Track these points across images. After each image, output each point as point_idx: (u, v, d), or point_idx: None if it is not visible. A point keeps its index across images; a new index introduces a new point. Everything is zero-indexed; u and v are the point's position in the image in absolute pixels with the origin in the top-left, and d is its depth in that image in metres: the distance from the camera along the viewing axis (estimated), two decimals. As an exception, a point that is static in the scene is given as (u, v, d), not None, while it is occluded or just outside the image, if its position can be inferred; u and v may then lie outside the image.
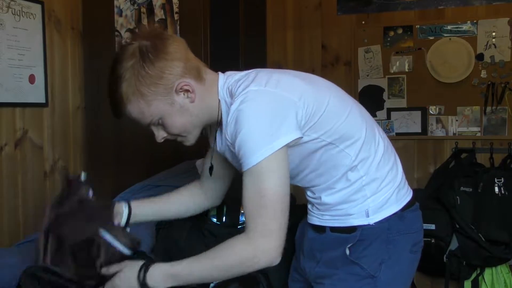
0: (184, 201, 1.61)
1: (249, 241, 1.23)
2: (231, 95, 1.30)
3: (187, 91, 1.29)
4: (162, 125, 1.33)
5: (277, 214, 1.22)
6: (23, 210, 2.27)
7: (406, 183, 1.50)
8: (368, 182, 1.37)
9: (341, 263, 1.38)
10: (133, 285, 1.27)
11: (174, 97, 1.28)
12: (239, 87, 1.28)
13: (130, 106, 1.30)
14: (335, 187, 1.38)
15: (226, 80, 1.35)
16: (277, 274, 1.69)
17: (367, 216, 1.37)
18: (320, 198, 1.41)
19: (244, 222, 1.86)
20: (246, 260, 1.24)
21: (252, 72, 1.35)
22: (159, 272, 1.27)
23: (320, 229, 1.43)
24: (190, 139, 1.38)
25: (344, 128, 1.34)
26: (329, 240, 1.40)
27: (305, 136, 1.29)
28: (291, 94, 1.27)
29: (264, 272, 1.67)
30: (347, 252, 1.37)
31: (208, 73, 1.36)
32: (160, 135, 1.37)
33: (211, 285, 1.56)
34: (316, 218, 1.44)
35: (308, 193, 1.46)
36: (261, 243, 1.21)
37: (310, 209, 1.47)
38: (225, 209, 1.87)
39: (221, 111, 1.33)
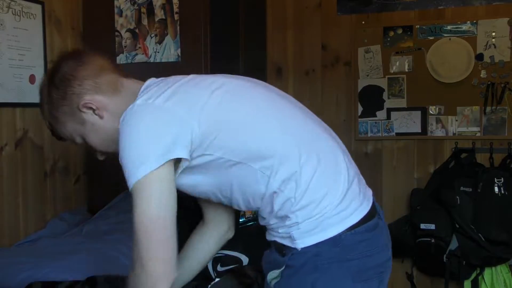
0: (200, 253, 1.46)
1: (133, 277, 1.12)
2: None
3: (91, 108, 1.24)
4: (89, 145, 1.31)
5: (154, 244, 1.08)
6: (23, 210, 2.28)
7: (358, 197, 1.22)
8: (299, 208, 1.16)
9: None
10: None
11: (82, 115, 1.25)
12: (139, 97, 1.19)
13: (55, 131, 1.31)
14: (267, 209, 1.20)
15: (147, 86, 1.26)
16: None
17: (293, 240, 1.17)
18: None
19: (243, 223, 1.87)
20: None
21: (164, 80, 1.26)
22: None
23: (268, 244, 1.28)
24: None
25: (255, 146, 1.16)
26: (272, 260, 1.25)
27: (204, 155, 1.15)
28: (184, 109, 1.14)
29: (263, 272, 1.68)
30: (272, 284, 1.23)
31: (128, 84, 1.30)
32: (97, 154, 1.35)
33: (210, 285, 1.56)
34: (267, 233, 1.28)
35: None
36: (136, 270, 1.10)
37: (265, 225, 1.29)
38: None
39: None
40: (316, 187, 1.16)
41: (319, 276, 1.15)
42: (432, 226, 2.69)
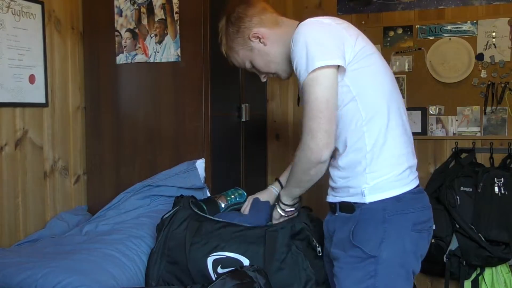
0: None
1: (301, 143, 1.49)
2: None
3: (258, 37, 1.64)
4: (255, 68, 1.71)
5: (319, 119, 1.43)
6: (23, 210, 2.28)
7: (414, 174, 1.57)
8: (370, 158, 1.49)
9: (347, 247, 1.50)
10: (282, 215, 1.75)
11: (250, 43, 1.65)
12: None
13: (231, 59, 1.73)
14: (345, 146, 1.52)
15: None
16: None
17: (363, 195, 1.50)
18: (334, 162, 1.57)
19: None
20: (301, 158, 1.50)
21: (331, 17, 1.59)
22: (282, 193, 1.74)
23: (333, 208, 1.59)
24: (282, 75, 1.70)
25: (372, 92, 1.51)
26: (339, 220, 1.56)
27: (344, 75, 1.48)
28: (351, 36, 1.50)
29: (263, 272, 1.68)
30: (351, 236, 1.49)
31: (285, 21, 1.70)
32: (261, 77, 1.75)
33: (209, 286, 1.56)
34: (330, 196, 1.61)
35: (331, 161, 1.60)
36: (307, 140, 1.46)
37: (329, 188, 1.63)
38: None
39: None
40: (390, 149, 1.50)
41: (388, 226, 1.47)
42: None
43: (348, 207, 1.53)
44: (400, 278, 1.51)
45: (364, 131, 1.49)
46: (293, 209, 1.75)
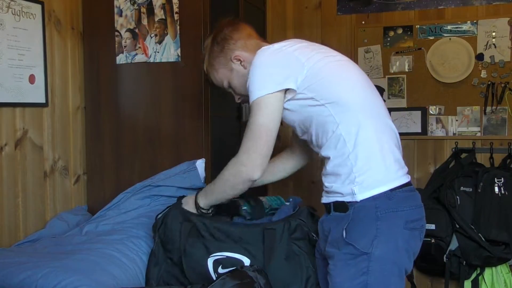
0: (279, 168, 2.00)
1: (236, 158, 1.62)
2: None
3: (239, 60, 1.73)
4: (231, 88, 1.80)
5: (257, 141, 1.56)
6: (23, 210, 2.28)
7: (403, 169, 1.62)
8: (354, 158, 1.54)
9: (341, 244, 1.54)
10: (192, 208, 1.82)
11: (231, 65, 1.75)
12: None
13: (209, 75, 1.82)
14: (328, 154, 1.58)
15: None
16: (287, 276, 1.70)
17: (354, 194, 1.54)
18: (324, 170, 1.63)
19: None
20: (233, 174, 1.64)
21: (293, 42, 1.68)
22: (200, 192, 1.82)
23: (328, 208, 1.63)
24: None
25: (338, 95, 1.56)
26: (333, 220, 1.59)
27: (302, 94, 1.57)
28: (301, 55, 1.59)
29: (263, 272, 1.68)
30: (344, 234, 1.53)
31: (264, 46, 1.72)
32: (236, 98, 1.83)
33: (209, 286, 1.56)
34: (324, 197, 1.65)
35: (322, 170, 1.67)
36: (243, 158, 1.59)
37: (323, 189, 1.67)
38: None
39: None
40: (373, 145, 1.55)
41: (380, 223, 1.51)
42: (432, 226, 2.69)
43: (341, 207, 1.57)
44: (392, 276, 1.54)
45: (342, 134, 1.55)
46: (209, 212, 1.84)
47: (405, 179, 1.60)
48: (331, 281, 1.57)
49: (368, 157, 1.54)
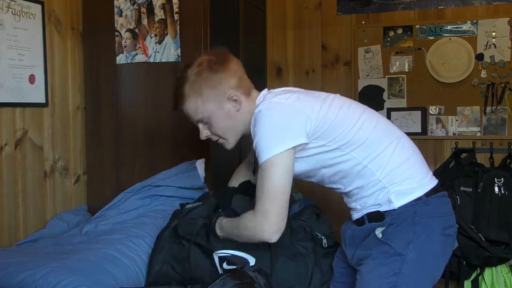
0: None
1: (254, 218, 1.53)
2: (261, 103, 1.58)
3: (235, 101, 1.60)
4: (208, 124, 1.64)
5: (275, 203, 1.49)
6: (23, 210, 2.27)
7: (429, 173, 1.65)
8: (384, 176, 1.55)
9: (374, 244, 1.56)
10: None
11: (224, 103, 1.60)
12: (269, 98, 1.59)
13: (188, 102, 1.62)
14: (357, 185, 1.58)
15: (267, 93, 1.64)
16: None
17: (391, 202, 1.54)
18: (347, 199, 1.65)
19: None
20: (251, 233, 1.55)
21: (289, 91, 1.63)
22: (217, 222, 1.74)
23: (361, 222, 1.62)
24: (230, 143, 1.68)
25: (350, 135, 1.56)
26: (367, 228, 1.60)
27: (312, 142, 1.54)
28: (306, 107, 1.55)
29: (263, 272, 1.68)
30: (380, 235, 1.55)
31: (255, 93, 1.67)
32: (204, 133, 1.68)
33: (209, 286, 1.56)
34: (355, 214, 1.65)
35: (344, 198, 1.69)
36: (261, 220, 1.50)
37: (351, 209, 1.68)
38: None
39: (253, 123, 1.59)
40: (395, 160, 1.56)
41: (418, 228, 1.53)
42: (432, 226, 2.69)
43: (377, 216, 1.57)
44: (423, 281, 1.55)
45: (366, 166, 1.56)
46: None
47: (434, 181, 1.63)
48: (361, 278, 1.58)
49: (397, 173, 1.56)
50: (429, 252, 1.54)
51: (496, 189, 2.63)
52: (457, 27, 2.92)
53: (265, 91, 1.68)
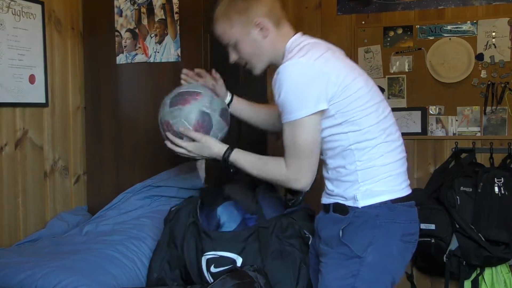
0: (271, 115, 1.93)
1: (286, 172, 1.56)
2: (289, 54, 1.58)
3: (262, 28, 1.60)
4: (236, 49, 1.66)
5: (311, 159, 1.53)
6: (23, 210, 2.28)
7: (406, 182, 1.64)
8: (362, 168, 1.55)
9: (335, 243, 1.56)
10: (212, 154, 1.74)
11: (251, 29, 1.61)
12: (295, 51, 1.56)
13: (217, 25, 1.65)
14: (336, 163, 1.59)
15: (298, 39, 1.66)
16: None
17: (356, 200, 1.54)
18: (327, 174, 1.64)
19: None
20: (280, 180, 1.60)
21: (314, 43, 1.64)
22: (236, 149, 1.71)
23: (327, 208, 1.63)
24: (257, 69, 1.69)
25: (357, 116, 1.54)
26: (330, 219, 1.60)
27: (328, 111, 1.53)
28: (331, 70, 1.52)
29: (263, 271, 1.68)
30: (340, 233, 1.54)
31: (286, 26, 1.68)
32: (233, 57, 1.70)
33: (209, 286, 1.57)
34: (324, 198, 1.65)
35: (325, 181, 1.68)
36: (295, 174, 1.54)
37: (325, 191, 1.68)
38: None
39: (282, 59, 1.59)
40: (382, 159, 1.55)
41: (377, 231, 1.53)
42: (432, 226, 2.69)
43: (342, 209, 1.57)
44: (380, 284, 1.56)
45: (352, 149, 1.56)
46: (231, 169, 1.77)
47: (407, 190, 1.62)
48: (321, 278, 1.59)
49: (376, 172, 1.55)
50: (388, 256, 1.54)
51: (496, 189, 2.63)
52: (457, 27, 2.92)
53: (298, 34, 1.69)
